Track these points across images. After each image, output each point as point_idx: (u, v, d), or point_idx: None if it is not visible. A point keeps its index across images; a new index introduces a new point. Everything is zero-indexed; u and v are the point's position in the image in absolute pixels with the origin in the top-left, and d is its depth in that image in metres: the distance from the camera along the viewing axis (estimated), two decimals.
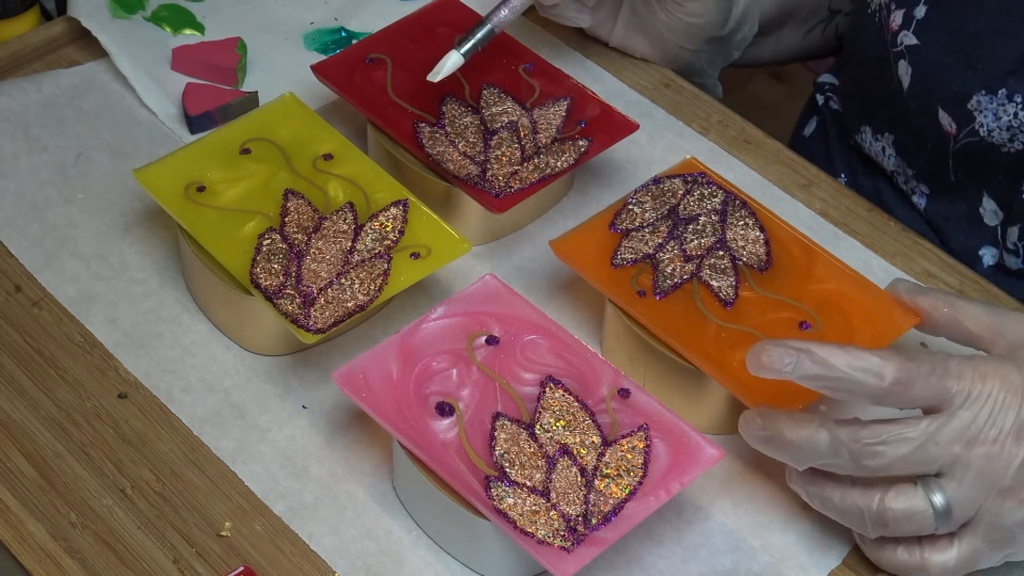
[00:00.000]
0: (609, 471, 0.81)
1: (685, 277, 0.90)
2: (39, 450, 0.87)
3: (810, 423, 0.79)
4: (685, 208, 0.94)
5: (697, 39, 1.08)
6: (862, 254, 1.00)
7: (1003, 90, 0.99)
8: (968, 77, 1.01)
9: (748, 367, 0.79)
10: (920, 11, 1.03)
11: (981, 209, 1.06)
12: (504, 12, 0.99)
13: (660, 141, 1.07)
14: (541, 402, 0.84)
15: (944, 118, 1.03)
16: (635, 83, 1.11)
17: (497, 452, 0.81)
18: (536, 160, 0.97)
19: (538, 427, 0.83)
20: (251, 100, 1.06)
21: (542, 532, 0.78)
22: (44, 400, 0.90)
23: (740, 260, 0.92)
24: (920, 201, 1.10)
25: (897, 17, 1.05)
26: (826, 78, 1.22)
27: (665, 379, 0.89)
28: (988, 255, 1.07)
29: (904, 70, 1.05)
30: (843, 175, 1.17)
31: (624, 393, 0.84)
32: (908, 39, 1.04)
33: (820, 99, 1.22)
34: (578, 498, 0.80)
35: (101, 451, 0.88)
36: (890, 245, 1.01)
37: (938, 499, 0.79)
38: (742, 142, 1.08)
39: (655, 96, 1.10)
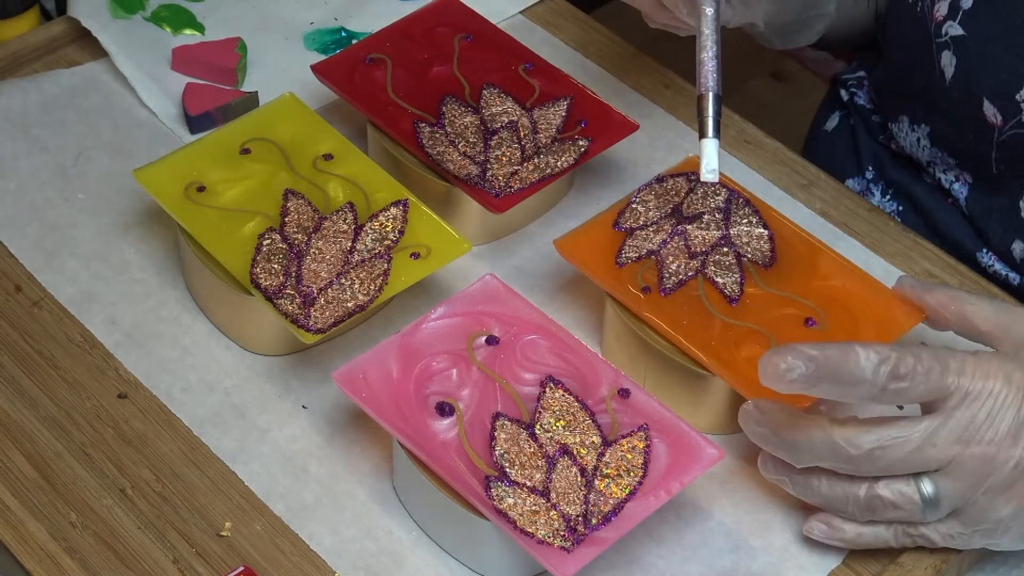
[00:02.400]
0: (609, 471, 0.81)
1: (690, 274, 0.90)
2: (39, 450, 0.87)
3: (808, 423, 0.79)
4: (689, 206, 0.94)
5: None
6: (862, 254, 1.00)
7: None
8: (1018, 67, 0.98)
9: (761, 379, 0.79)
10: (967, 1, 1.00)
11: (1022, 202, 1.04)
12: (707, 69, 0.87)
13: (660, 141, 1.07)
14: (541, 402, 0.84)
15: (989, 109, 1.00)
16: (635, 83, 1.11)
17: (497, 452, 0.81)
18: (536, 160, 0.97)
19: (538, 427, 0.82)
20: (251, 100, 1.06)
21: (542, 532, 0.78)
22: (44, 400, 0.90)
23: (745, 257, 0.92)
24: (961, 190, 1.08)
25: (942, 7, 1.02)
26: (848, 73, 1.20)
27: (665, 379, 0.89)
28: (1019, 248, 1.05)
29: (948, 61, 1.02)
30: (870, 168, 1.16)
31: (624, 393, 0.84)
32: (954, 30, 1.01)
33: (844, 94, 1.20)
34: (578, 498, 0.80)
35: (101, 451, 0.88)
36: (890, 245, 1.01)
37: (929, 492, 0.80)
38: (742, 142, 1.07)
39: (655, 96, 1.10)
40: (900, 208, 1.13)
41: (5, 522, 0.84)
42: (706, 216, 0.94)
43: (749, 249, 0.92)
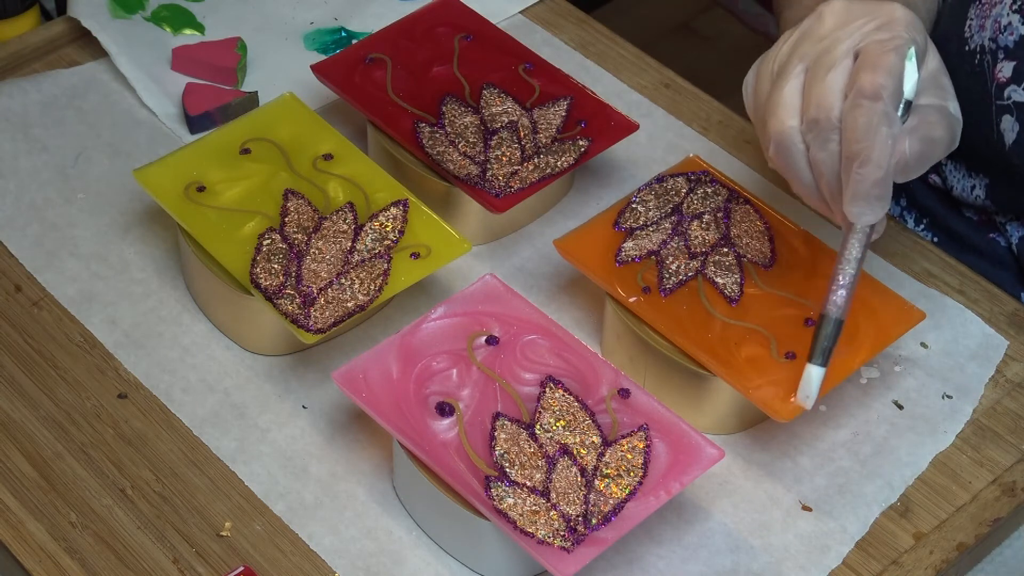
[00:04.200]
0: (609, 471, 0.81)
1: (690, 274, 0.90)
2: (39, 450, 0.87)
3: None
4: (689, 206, 0.94)
5: None
6: None
7: None
8: None
9: None
10: None
11: None
12: (840, 294, 0.82)
13: (660, 141, 1.07)
14: (541, 402, 0.84)
15: None
16: (635, 83, 1.11)
17: (497, 452, 0.81)
18: (536, 160, 0.97)
19: (538, 427, 0.82)
20: (251, 100, 1.06)
21: (542, 532, 0.78)
22: (44, 400, 0.90)
23: (745, 257, 0.92)
24: (1017, 231, 1.05)
25: (1005, 68, 0.98)
26: None
27: (665, 379, 0.89)
28: None
29: (1009, 125, 0.98)
30: (903, 196, 1.12)
31: (624, 393, 0.84)
32: (1018, 95, 0.97)
33: None
34: (578, 498, 0.80)
35: (101, 451, 0.88)
36: (890, 245, 1.01)
37: None
38: (742, 142, 1.07)
39: (655, 96, 1.10)
40: (935, 240, 1.10)
41: (5, 522, 0.84)
42: (706, 216, 0.94)
43: (749, 249, 0.92)
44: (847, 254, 0.81)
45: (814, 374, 0.82)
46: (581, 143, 0.98)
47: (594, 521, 0.79)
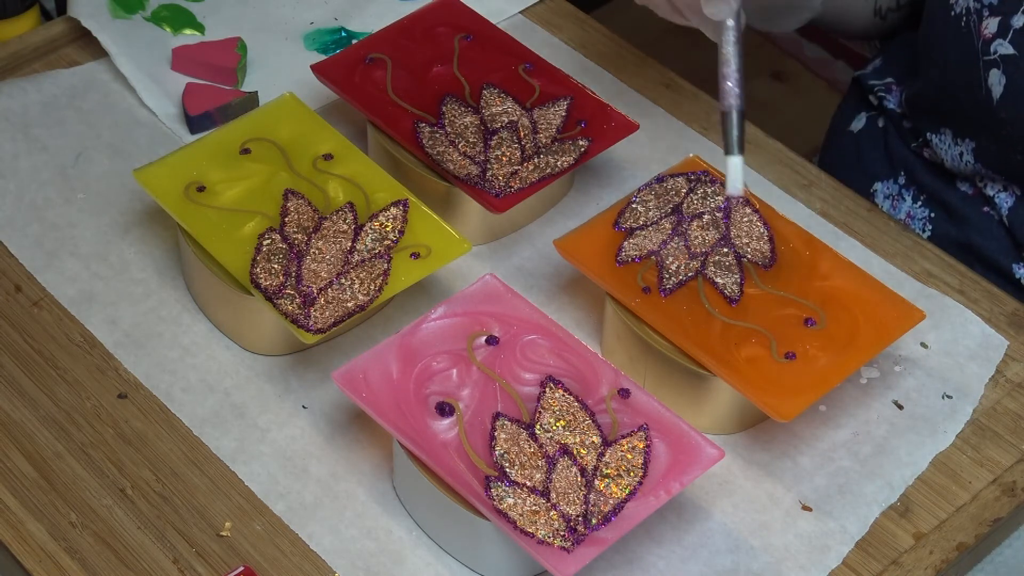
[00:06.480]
0: (609, 471, 0.81)
1: (690, 275, 0.90)
2: (39, 450, 0.87)
3: None
4: (689, 206, 0.94)
5: None
6: (862, 254, 1.00)
7: None
8: None
9: None
10: (1019, 20, 0.98)
11: None
12: (730, 89, 0.89)
13: (660, 141, 1.07)
14: (541, 402, 0.84)
15: None
16: (635, 83, 1.11)
17: (497, 452, 0.81)
18: (536, 160, 0.97)
19: (538, 427, 0.82)
20: (251, 100, 1.06)
21: (542, 532, 0.78)
22: (44, 400, 0.90)
23: (745, 257, 0.92)
24: (1006, 200, 1.06)
25: (991, 24, 1.00)
26: (875, 79, 1.18)
27: (665, 379, 0.89)
28: None
29: (996, 79, 1.00)
30: (902, 173, 1.14)
31: (624, 393, 0.84)
32: (1004, 48, 0.99)
33: (872, 99, 1.17)
34: (578, 498, 0.80)
35: (101, 451, 0.88)
36: (890, 245, 1.01)
37: None
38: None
39: (655, 96, 1.10)
40: (932, 215, 1.11)
41: (5, 522, 0.84)
42: (706, 216, 0.94)
43: (749, 249, 0.92)
44: (724, 52, 0.89)
45: (735, 163, 0.89)
46: (581, 143, 0.98)
47: (594, 521, 0.79)
